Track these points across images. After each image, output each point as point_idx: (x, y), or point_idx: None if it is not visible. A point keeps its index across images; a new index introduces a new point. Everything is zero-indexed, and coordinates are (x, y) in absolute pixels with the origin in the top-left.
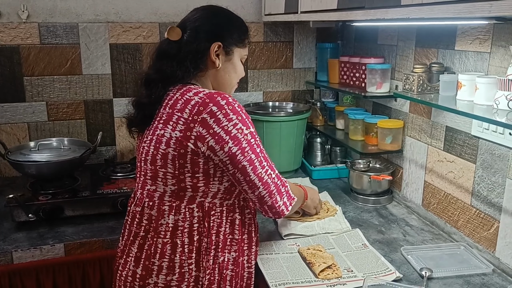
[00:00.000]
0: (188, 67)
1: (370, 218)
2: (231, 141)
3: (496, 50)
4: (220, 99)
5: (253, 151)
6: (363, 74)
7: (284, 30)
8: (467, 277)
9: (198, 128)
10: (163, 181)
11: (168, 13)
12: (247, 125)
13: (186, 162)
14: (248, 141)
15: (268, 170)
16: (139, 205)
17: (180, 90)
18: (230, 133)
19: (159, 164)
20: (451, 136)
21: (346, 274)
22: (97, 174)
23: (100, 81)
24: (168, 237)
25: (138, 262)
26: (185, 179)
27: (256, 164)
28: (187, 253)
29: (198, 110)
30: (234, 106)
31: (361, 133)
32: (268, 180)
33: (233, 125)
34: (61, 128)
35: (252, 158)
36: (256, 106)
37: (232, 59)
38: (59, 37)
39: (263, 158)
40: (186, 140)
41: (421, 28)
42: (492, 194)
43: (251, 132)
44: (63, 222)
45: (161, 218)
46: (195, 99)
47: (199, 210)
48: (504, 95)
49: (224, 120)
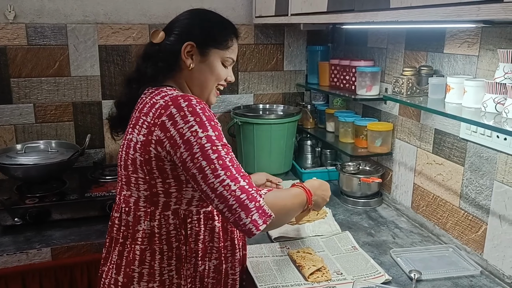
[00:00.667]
0: (160, 67)
1: (360, 221)
2: (183, 145)
3: (484, 53)
4: (182, 101)
5: (205, 157)
6: (353, 77)
7: (275, 33)
8: (456, 279)
9: (157, 132)
10: (135, 187)
11: (158, 15)
12: (205, 127)
13: (152, 168)
14: (201, 145)
15: (226, 181)
16: (118, 210)
17: (152, 94)
18: (184, 136)
19: (130, 170)
20: (440, 138)
21: (335, 276)
22: (86, 177)
23: (89, 82)
24: (145, 243)
25: (119, 270)
26: (156, 185)
27: (207, 172)
28: (167, 260)
29: (159, 113)
30: (195, 107)
31: (351, 136)
32: (224, 192)
33: (188, 127)
34: (49, 130)
35: (202, 165)
36: (247, 109)
37: (208, 61)
38: (47, 38)
39: (220, 166)
40: (148, 144)
41: (411, 31)
42: (480, 197)
43: (208, 136)
44: (50, 225)
45: (137, 224)
46: (160, 102)
47: (175, 218)
48: (492, 98)
49: (181, 122)
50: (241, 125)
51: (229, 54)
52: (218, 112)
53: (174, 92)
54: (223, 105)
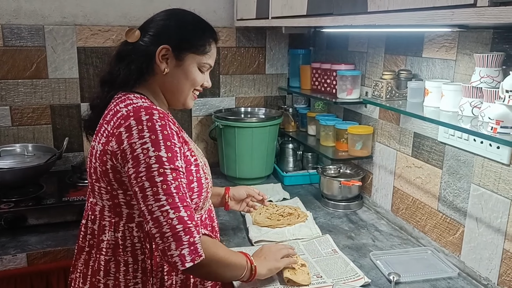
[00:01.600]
0: (132, 71)
1: (340, 224)
2: (131, 161)
3: (461, 58)
4: (144, 113)
5: (149, 178)
6: (334, 81)
7: (257, 36)
8: (434, 281)
9: (113, 143)
10: (99, 195)
11: (138, 17)
12: (158, 147)
13: (111, 180)
14: (148, 165)
15: (165, 207)
16: (85, 217)
17: (118, 100)
18: (134, 151)
19: (94, 178)
20: (418, 142)
21: (315, 280)
22: (63, 181)
23: (67, 85)
24: (110, 254)
25: (85, 279)
26: (118, 196)
27: (148, 193)
28: (132, 273)
29: (119, 123)
30: (155, 123)
31: (332, 139)
32: (161, 218)
33: (141, 143)
34: (26, 133)
35: (144, 186)
36: (228, 112)
37: (183, 65)
38: (24, 40)
39: (162, 191)
40: (104, 155)
41: (390, 36)
42: (457, 199)
43: (158, 156)
44: (26, 231)
45: (102, 234)
46: (122, 111)
47: (139, 230)
48: (469, 102)
49: (135, 136)
50: (223, 129)
51: (206, 60)
52: (200, 115)
53: (140, 101)
54: (205, 108)
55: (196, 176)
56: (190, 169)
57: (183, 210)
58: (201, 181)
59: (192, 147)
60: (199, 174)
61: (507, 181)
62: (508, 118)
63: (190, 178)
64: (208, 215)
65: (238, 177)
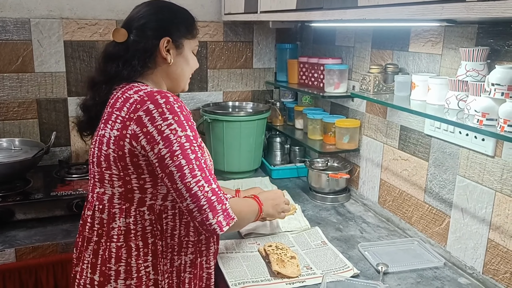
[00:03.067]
0: (135, 66)
1: (329, 216)
2: (162, 142)
3: (447, 52)
4: (160, 97)
5: (185, 156)
6: (322, 75)
7: (244, 30)
8: (420, 271)
9: (133, 126)
10: (110, 183)
11: (125, 10)
12: (184, 127)
13: (127, 164)
14: (181, 144)
15: (201, 181)
16: (90, 208)
17: (123, 89)
18: (163, 133)
19: (104, 166)
20: (405, 135)
21: (305, 271)
22: (51, 175)
23: (54, 79)
24: (121, 240)
25: (95, 269)
26: (131, 181)
27: (186, 171)
28: (143, 257)
29: (135, 108)
30: (173, 105)
31: (319, 133)
32: (198, 192)
33: (167, 125)
34: (12, 128)
35: (181, 164)
36: (216, 106)
37: (183, 52)
38: (9, 33)
39: (197, 167)
40: (123, 139)
41: (377, 30)
42: (443, 191)
43: (187, 135)
44: (14, 226)
45: (112, 222)
46: (134, 97)
47: (150, 213)
48: (455, 95)
49: (159, 119)
50: (211, 123)
51: (196, 42)
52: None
53: (147, 87)
54: (192, 102)
55: None
56: None
57: (213, 183)
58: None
59: None
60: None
61: (491, 172)
62: (494, 110)
63: None
64: None
65: (227, 170)
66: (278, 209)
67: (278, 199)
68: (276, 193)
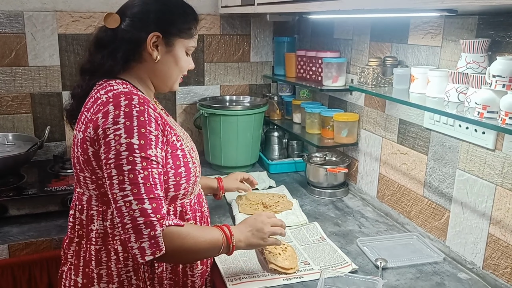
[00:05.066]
0: (118, 59)
1: (327, 211)
2: (103, 146)
3: (447, 44)
4: (123, 99)
5: (117, 166)
6: (320, 68)
7: (241, 23)
8: (420, 266)
9: (90, 129)
10: (85, 186)
11: (120, 3)
12: (131, 134)
13: (94, 168)
14: (118, 152)
15: (129, 197)
16: (73, 208)
17: (99, 87)
18: (107, 137)
19: (78, 168)
20: (404, 128)
21: (303, 267)
22: (45, 170)
23: (48, 73)
24: (100, 243)
25: (78, 270)
26: (103, 185)
27: (114, 181)
28: (123, 261)
29: (98, 109)
30: (132, 109)
31: (317, 127)
32: (123, 208)
33: (115, 129)
34: (5, 122)
35: (111, 173)
36: (213, 100)
37: (173, 51)
38: (2, 26)
39: (128, 180)
40: (85, 142)
41: (376, 23)
42: (443, 185)
43: (129, 143)
44: (7, 221)
45: (90, 224)
46: (102, 98)
47: None
48: (455, 88)
49: (110, 121)
50: (208, 117)
51: (193, 43)
52: (184, 103)
53: (121, 87)
54: (189, 96)
55: (183, 161)
56: (176, 154)
57: (147, 202)
58: (188, 166)
59: (179, 132)
60: (186, 158)
61: (492, 166)
62: (495, 103)
63: (177, 163)
64: (197, 200)
65: (223, 165)
66: (262, 236)
67: (257, 224)
68: (253, 218)
